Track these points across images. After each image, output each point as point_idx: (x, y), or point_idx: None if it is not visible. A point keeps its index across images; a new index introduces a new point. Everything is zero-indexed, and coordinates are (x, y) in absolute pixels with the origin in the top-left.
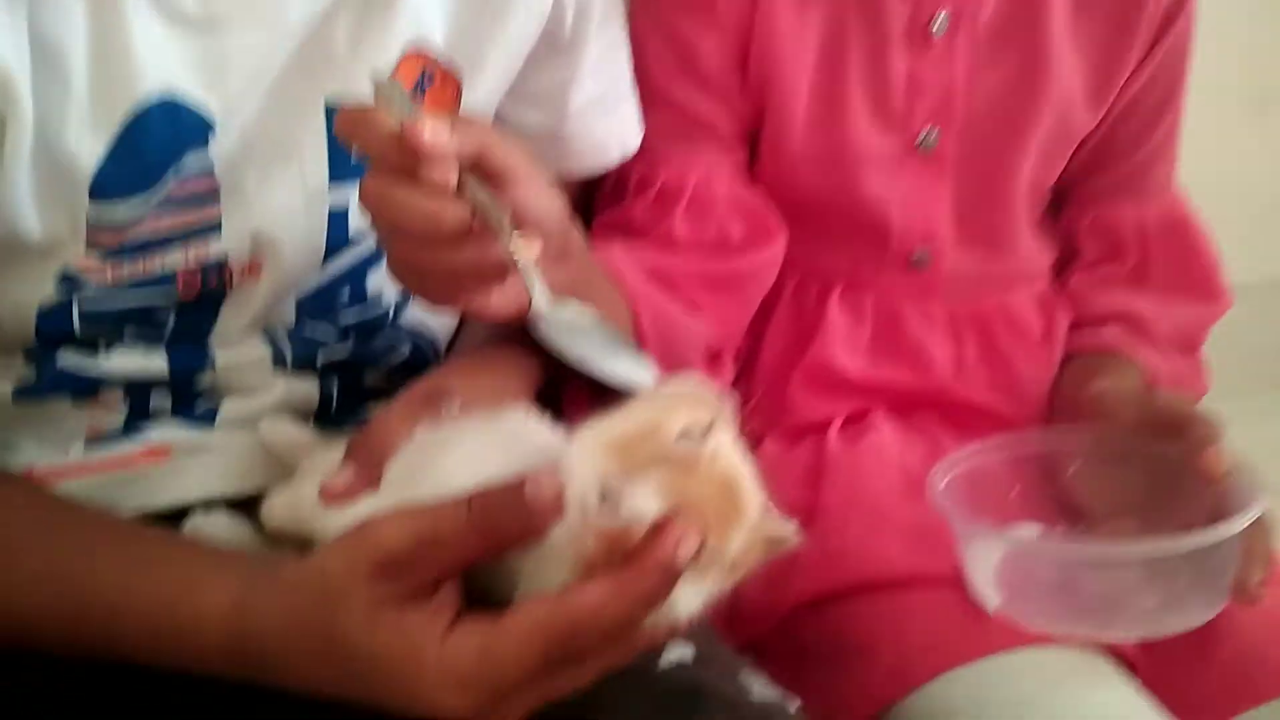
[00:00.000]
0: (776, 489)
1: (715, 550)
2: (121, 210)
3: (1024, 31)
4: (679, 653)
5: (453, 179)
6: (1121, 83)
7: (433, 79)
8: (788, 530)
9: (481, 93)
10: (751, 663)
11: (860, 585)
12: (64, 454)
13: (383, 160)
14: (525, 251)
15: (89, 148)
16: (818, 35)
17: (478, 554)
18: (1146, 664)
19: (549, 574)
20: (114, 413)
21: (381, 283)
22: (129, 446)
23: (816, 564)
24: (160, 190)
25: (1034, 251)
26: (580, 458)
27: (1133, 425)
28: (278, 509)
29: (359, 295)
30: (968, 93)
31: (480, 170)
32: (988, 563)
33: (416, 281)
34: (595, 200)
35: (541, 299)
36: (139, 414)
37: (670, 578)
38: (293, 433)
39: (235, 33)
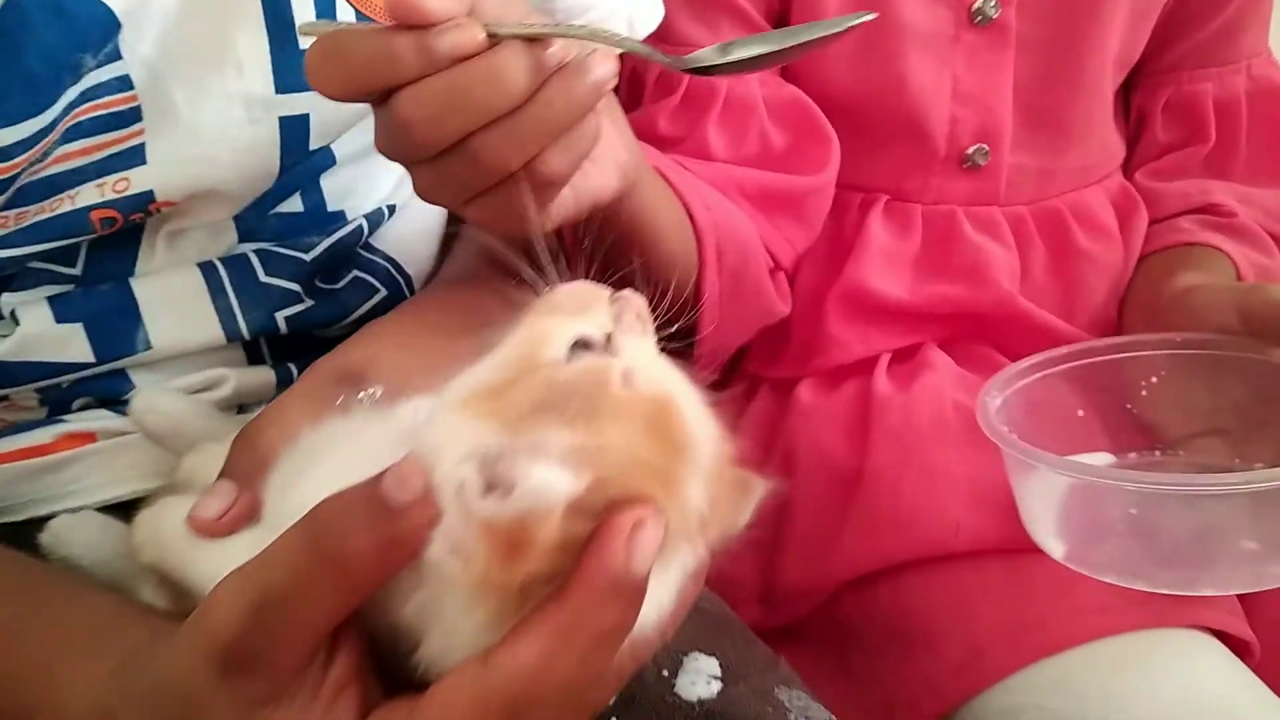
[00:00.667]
0: (819, 443)
1: (675, 515)
2: (10, 136)
3: None
4: (700, 670)
5: (480, 34)
6: None
7: None
8: (750, 479)
9: None
10: (787, 662)
11: (918, 558)
12: None
13: (392, 67)
14: (610, 32)
15: None
16: None
17: (335, 601)
18: (1267, 648)
19: (448, 611)
20: (30, 412)
21: (346, 187)
22: (43, 435)
23: (866, 533)
24: (57, 108)
25: (1111, 138)
26: (444, 427)
27: (1225, 327)
28: (139, 533)
29: (316, 205)
30: None
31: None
32: (1050, 500)
33: (515, 194)
34: None
35: (674, 55)
36: (59, 411)
37: (632, 593)
38: (175, 408)
39: None
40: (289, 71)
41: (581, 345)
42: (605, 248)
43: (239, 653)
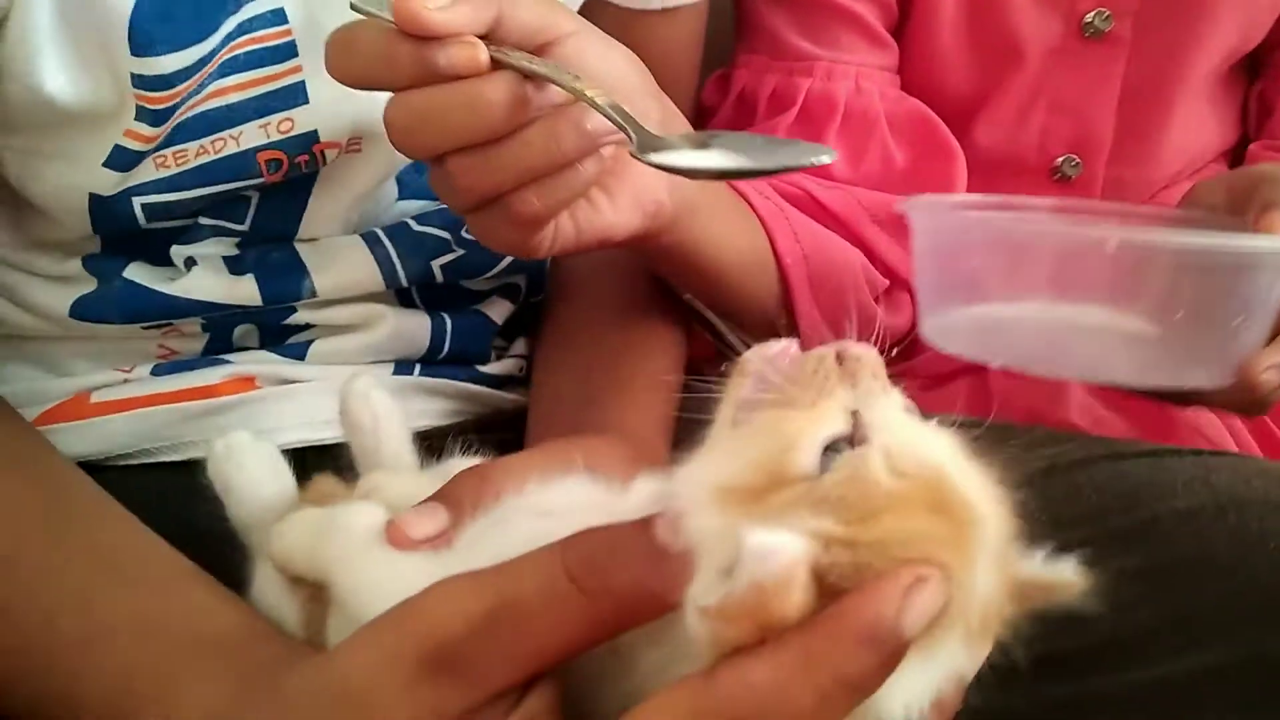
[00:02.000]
0: None
1: (960, 593)
2: (171, 63)
3: None
4: None
5: (480, 51)
6: None
7: None
8: (1065, 573)
9: None
10: None
11: None
12: (126, 379)
13: (392, 71)
14: (601, 94)
15: None
16: None
17: (581, 632)
18: None
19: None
20: (191, 340)
21: None
22: (209, 375)
23: None
24: (217, 36)
25: (1211, 133)
26: (703, 518)
27: (1214, 207)
28: (293, 533)
29: None
30: None
31: (508, 38)
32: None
33: (501, 217)
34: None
35: (647, 134)
36: (220, 345)
37: (891, 649)
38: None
39: None
40: None
41: (835, 444)
42: None
43: (454, 655)
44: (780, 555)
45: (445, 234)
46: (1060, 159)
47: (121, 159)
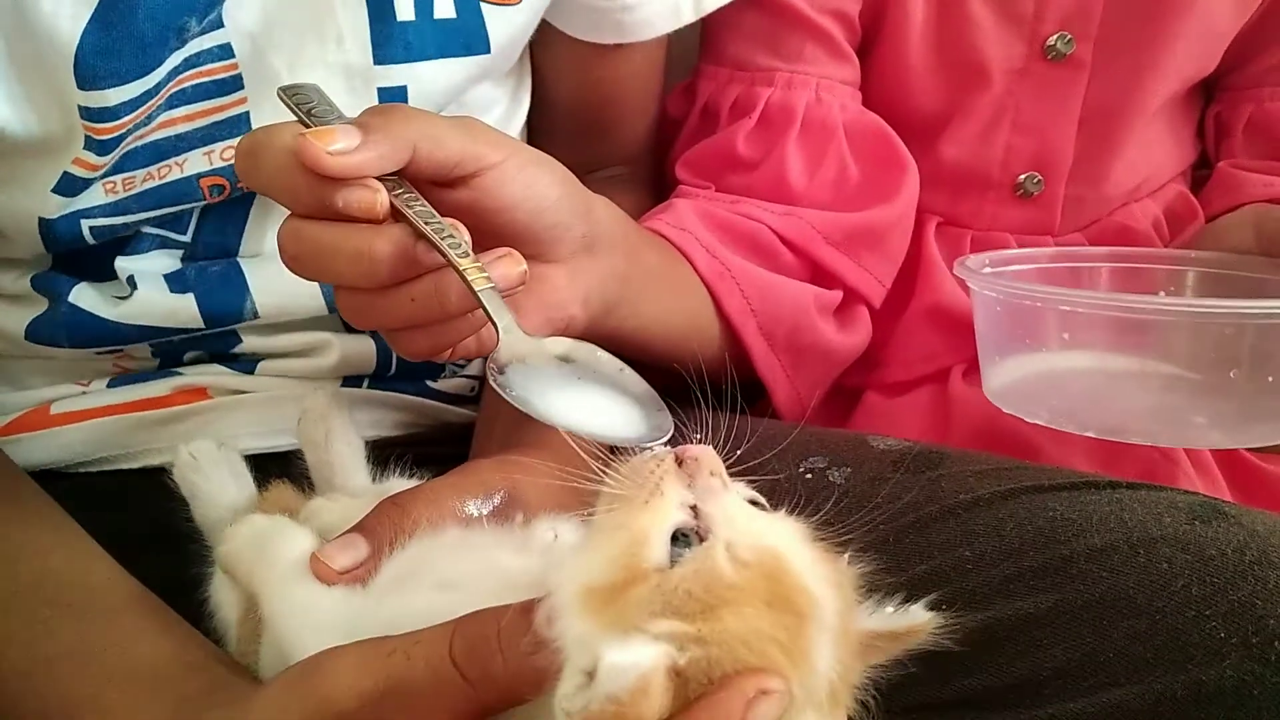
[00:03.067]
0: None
1: (801, 686)
2: (115, 96)
3: None
4: None
5: (379, 200)
6: None
7: None
8: (915, 618)
9: None
10: None
11: None
12: (84, 392)
13: (292, 197)
14: (482, 278)
15: (67, 18)
16: None
17: (462, 712)
18: None
19: None
20: (143, 361)
21: None
22: (160, 386)
23: None
24: (162, 70)
25: (1169, 151)
26: (569, 624)
27: (1242, 245)
28: (237, 541)
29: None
30: None
31: (423, 173)
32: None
33: (388, 336)
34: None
35: (510, 340)
36: (171, 363)
37: None
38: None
39: None
40: (387, 44)
41: (680, 536)
42: None
43: None
44: (635, 670)
45: None
46: (1023, 176)
47: (70, 185)
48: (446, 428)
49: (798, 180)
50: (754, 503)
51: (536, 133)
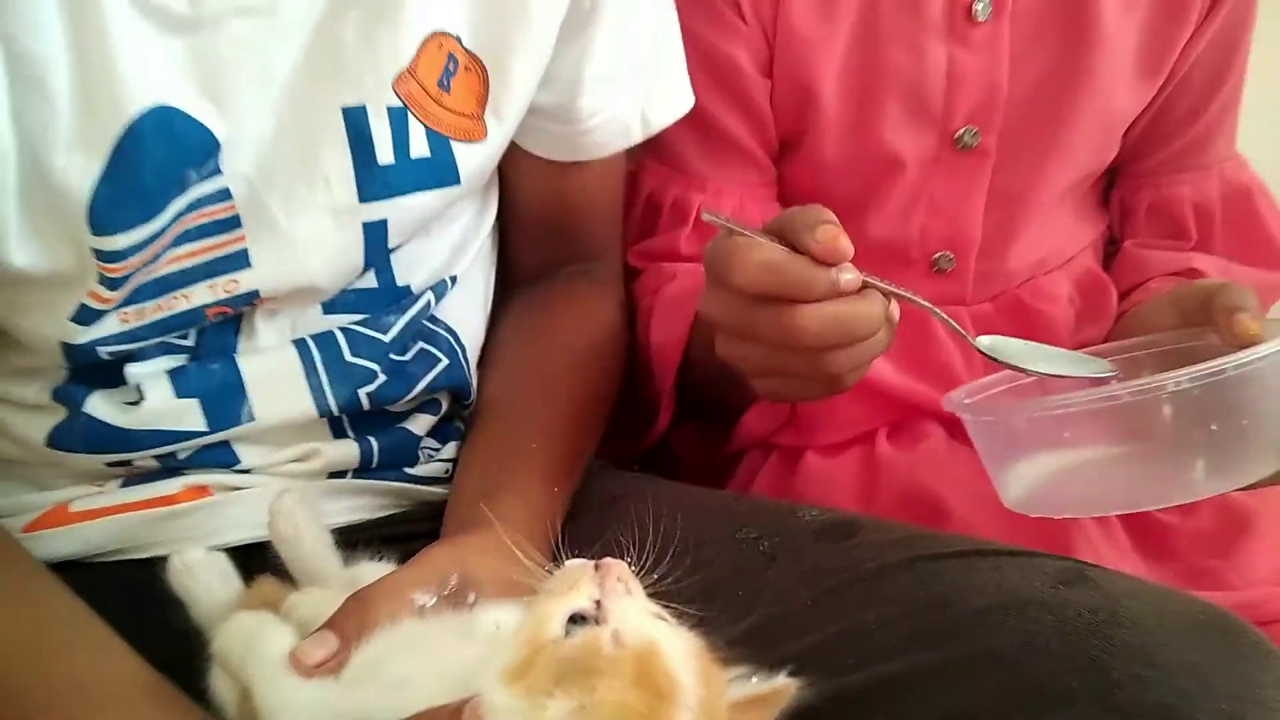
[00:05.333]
0: (829, 502)
1: None
2: (123, 240)
3: (1071, 7)
4: None
5: (859, 278)
6: (1176, 54)
7: (458, 66)
8: (777, 684)
9: (517, 82)
10: None
11: None
12: (99, 491)
13: (809, 292)
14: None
15: (80, 172)
16: (847, 30)
17: None
18: None
19: None
20: (151, 463)
21: (410, 260)
22: (169, 486)
23: None
24: (166, 216)
25: (1069, 236)
26: (492, 701)
27: (1167, 325)
28: (227, 638)
29: (388, 281)
30: (1011, 81)
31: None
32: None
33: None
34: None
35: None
36: (174, 474)
37: None
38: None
39: (227, 31)
40: (371, 184)
41: (578, 619)
42: None
43: None
44: None
45: (374, 365)
46: (938, 254)
47: (87, 315)
48: (424, 507)
49: None
50: (660, 616)
51: (507, 234)
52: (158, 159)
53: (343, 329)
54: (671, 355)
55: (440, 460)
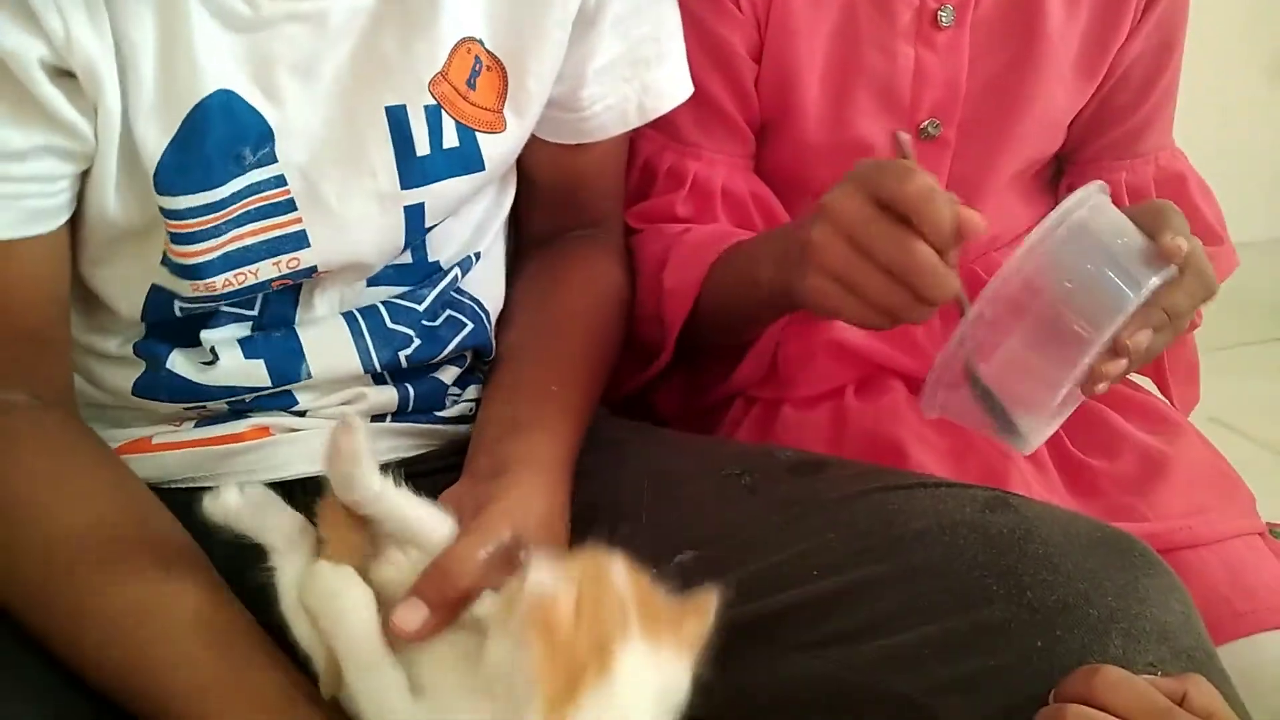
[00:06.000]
0: (800, 444)
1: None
2: (184, 203)
3: (1023, 13)
4: None
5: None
6: (1112, 57)
7: (481, 67)
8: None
9: (533, 81)
10: None
11: None
12: (176, 430)
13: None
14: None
15: (154, 140)
16: (829, 28)
17: None
18: None
19: None
20: (222, 407)
21: (440, 240)
22: (236, 426)
23: None
24: (224, 190)
25: (1020, 216)
26: None
27: None
28: (314, 585)
29: (421, 258)
30: (969, 80)
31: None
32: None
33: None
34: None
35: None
36: (243, 413)
37: None
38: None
39: (281, 33)
40: (409, 173)
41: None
42: None
43: None
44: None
45: (410, 331)
46: None
47: (167, 265)
48: (452, 444)
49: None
50: None
51: (520, 203)
52: (218, 135)
53: (384, 302)
54: (683, 300)
55: (464, 402)
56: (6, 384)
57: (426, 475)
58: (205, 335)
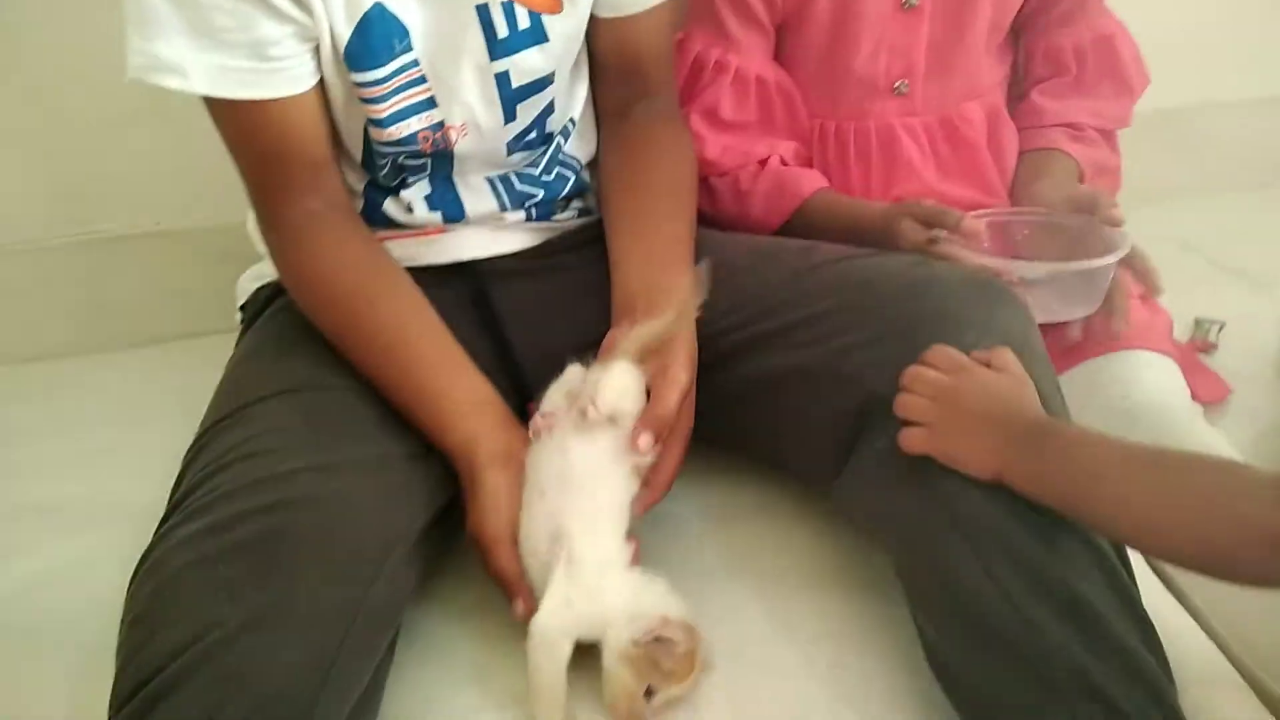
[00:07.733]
0: None
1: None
2: (361, 77)
3: None
4: None
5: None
6: None
7: None
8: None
9: None
10: None
11: None
12: (386, 235)
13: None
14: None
15: (343, 32)
16: None
17: None
18: None
19: None
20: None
21: (553, 125)
22: (426, 229)
23: None
24: (386, 69)
25: (986, 71)
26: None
27: (1061, 207)
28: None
29: (541, 135)
30: None
31: None
32: None
33: None
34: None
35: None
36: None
37: None
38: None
39: None
40: (496, 49)
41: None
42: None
43: None
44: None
45: (533, 187)
46: (897, 82)
47: (369, 122)
48: (564, 234)
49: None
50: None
51: (596, 85)
52: (377, 30)
53: (515, 171)
54: (769, 227)
55: (570, 210)
56: (308, 197)
57: (549, 255)
58: (404, 194)
